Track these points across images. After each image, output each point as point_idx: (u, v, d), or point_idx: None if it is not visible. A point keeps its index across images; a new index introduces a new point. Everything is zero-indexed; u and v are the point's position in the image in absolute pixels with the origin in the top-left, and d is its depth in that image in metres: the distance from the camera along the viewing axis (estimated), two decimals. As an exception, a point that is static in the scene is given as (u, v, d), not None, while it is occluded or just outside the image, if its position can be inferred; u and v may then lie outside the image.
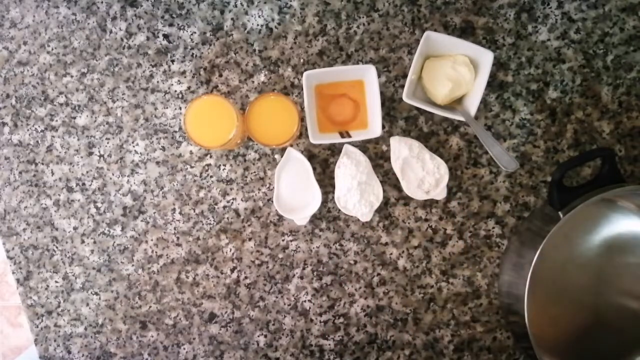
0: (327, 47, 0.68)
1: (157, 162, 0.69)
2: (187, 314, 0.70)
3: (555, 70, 0.66)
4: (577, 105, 0.67)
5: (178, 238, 0.70)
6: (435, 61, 0.64)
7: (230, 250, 0.69)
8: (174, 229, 0.69)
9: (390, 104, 0.67)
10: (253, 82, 0.68)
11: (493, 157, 0.63)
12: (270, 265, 0.69)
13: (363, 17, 0.67)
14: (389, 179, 0.68)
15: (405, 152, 0.65)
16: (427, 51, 0.64)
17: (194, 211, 0.69)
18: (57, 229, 0.71)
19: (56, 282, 0.71)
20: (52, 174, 0.70)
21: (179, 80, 0.69)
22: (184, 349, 0.71)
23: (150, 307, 0.70)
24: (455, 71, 0.62)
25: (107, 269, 0.70)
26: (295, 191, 0.66)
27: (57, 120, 0.70)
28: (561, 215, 0.56)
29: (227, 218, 0.69)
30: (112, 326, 0.71)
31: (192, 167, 0.69)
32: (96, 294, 0.71)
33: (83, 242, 0.70)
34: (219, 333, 0.70)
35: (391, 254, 0.68)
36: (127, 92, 0.69)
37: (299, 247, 0.69)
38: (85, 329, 0.72)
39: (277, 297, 0.69)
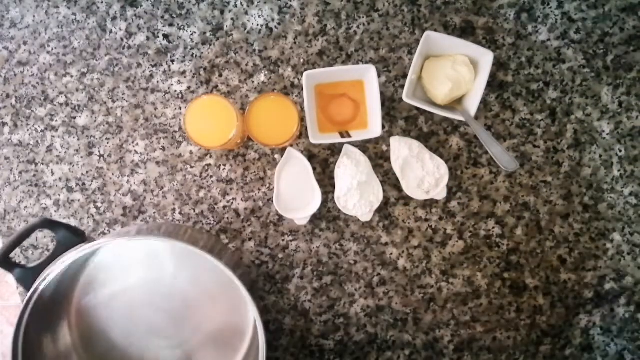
0: (327, 47, 0.68)
1: (157, 162, 0.69)
2: (187, 314, 0.70)
3: (555, 70, 0.66)
4: (577, 105, 0.67)
5: (178, 238, 0.70)
6: (435, 61, 0.64)
7: (230, 250, 0.69)
8: (174, 229, 0.69)
9: (390, 104, 0.67)
10: (253, 82, 0.68)
11: (493, 157, 0.63)
12: (270, 265, 0.69)
13: (363, 17, 0.67)
14: (389, 179, 0.68)
15: (405, 152, 0.65)
16: (427, 51, 0.64)
17: (194, 211, 0.69)
18: (57, 229, 0.70)
19: (56, 282, 0.71)
20: (52, 174, 0.70)
21: (179, 80, 0.69)
22: (184, 349, 0.71)
23: (150, 307, 0.70)
24: (455, 71, 0.62)
25: (107, 269, 0.70)
26: (295, 191, 0.66)
27: (57, 120, 0.70)
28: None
29: (227, 218, 0.69)
30: (112, 326, 0.71)
31: (192, 167, 0.69)
32: (96, 294, 0.71)
33: (83, 242, 0.70)
34: (219, 333, 0.70)
35: (391, 254, 0.68)
36: (127, 92, 0.69)
37: (299, 247, 0.69)
38: (85, 329, 0.72)
39: (277, 297, 0.69)
